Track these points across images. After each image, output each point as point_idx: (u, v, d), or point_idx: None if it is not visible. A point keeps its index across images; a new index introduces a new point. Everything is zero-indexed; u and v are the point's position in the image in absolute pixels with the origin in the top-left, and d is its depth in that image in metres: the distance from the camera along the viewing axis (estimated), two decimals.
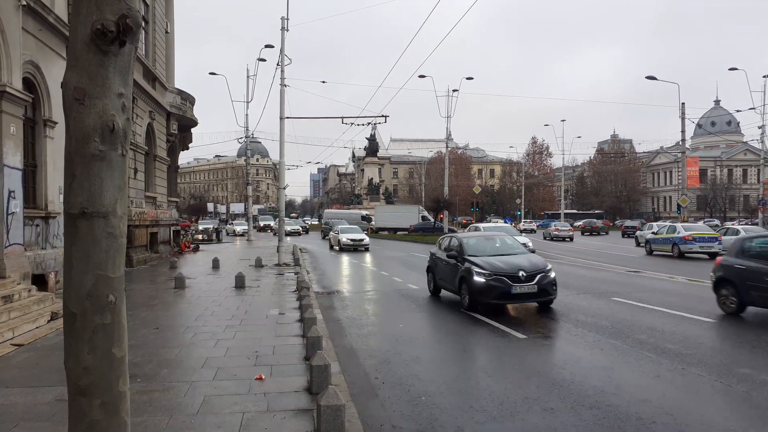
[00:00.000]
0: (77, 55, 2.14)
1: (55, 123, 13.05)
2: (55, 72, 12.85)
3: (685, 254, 24.91)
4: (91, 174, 2.13)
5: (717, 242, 24.32)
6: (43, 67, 12.65)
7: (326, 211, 71.79)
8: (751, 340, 8.74)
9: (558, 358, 7.84)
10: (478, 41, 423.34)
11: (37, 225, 12.69)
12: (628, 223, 58.42)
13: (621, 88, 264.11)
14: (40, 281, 11.85)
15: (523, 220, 65.26)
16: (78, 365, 2.16)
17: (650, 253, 27.36)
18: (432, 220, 53.18)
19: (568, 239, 43.52)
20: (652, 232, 29.61)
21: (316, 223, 77.58)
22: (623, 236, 49.39)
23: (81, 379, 2.16)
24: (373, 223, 56.38)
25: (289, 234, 47.47)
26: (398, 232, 52.30)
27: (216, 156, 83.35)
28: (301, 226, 60.86)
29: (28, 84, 12.22)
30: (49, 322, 9.68)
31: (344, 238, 32.27)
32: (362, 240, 32.39)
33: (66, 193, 2.18)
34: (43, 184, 13.06)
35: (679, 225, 27.33)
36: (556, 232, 45.28)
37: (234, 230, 52.85)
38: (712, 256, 21.35)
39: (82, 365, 2.15)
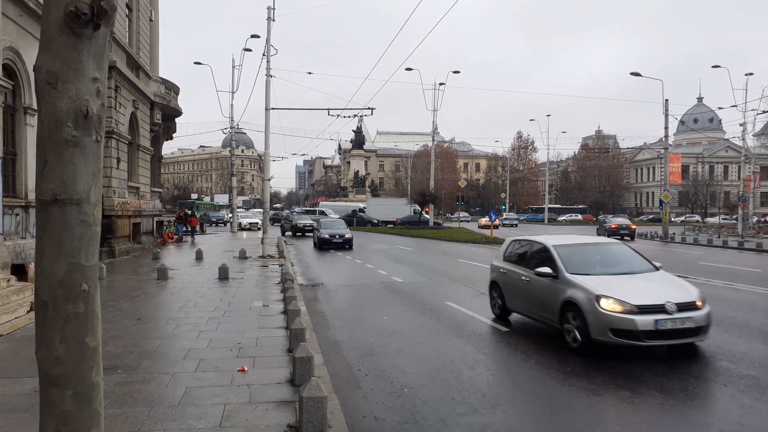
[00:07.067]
0: (50, 38, 2.09)
1: (36, 111, 12.82)
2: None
3: None
4: (64, 160, 2.09)
5: None
6: (24, 53, 12.41)
7: (321, 203, 71.54)
8: None
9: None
10: (480, 30, 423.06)
11: (17, 214, 12.48)
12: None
13: (612, 84, 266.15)
14: (20, 271, 11.64)
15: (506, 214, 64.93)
16: (49, 355, 2.12)
17: None
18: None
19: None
20: None
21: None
22: None
23: (53, 369, 2.12)
24: (364, 214, 56.13)
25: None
26: (388, 225, 52.50)
27: (200, 146, 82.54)
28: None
29: (8, 71, 11.98)
30: (28, 312, 9.53)
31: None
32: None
33: (38, 179, 2.13)
34: (23, 172, 12.84)
35: None
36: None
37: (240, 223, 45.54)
38: None
39: (54, 355, 2.11)
